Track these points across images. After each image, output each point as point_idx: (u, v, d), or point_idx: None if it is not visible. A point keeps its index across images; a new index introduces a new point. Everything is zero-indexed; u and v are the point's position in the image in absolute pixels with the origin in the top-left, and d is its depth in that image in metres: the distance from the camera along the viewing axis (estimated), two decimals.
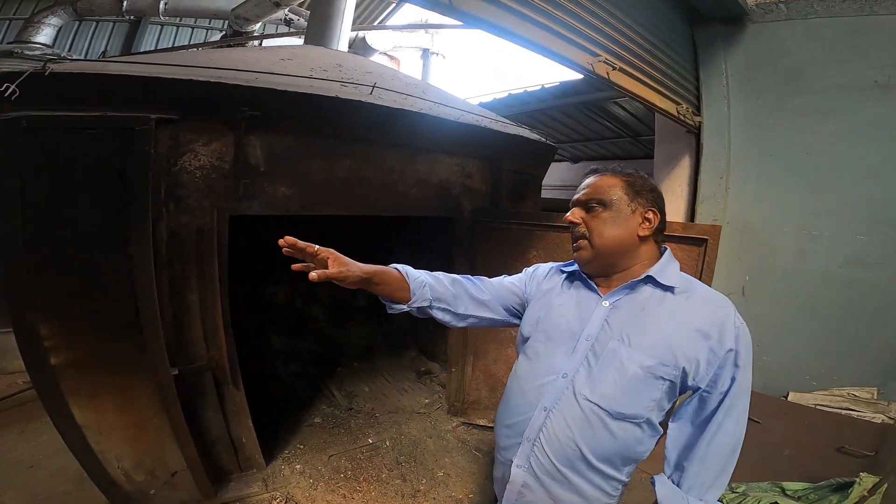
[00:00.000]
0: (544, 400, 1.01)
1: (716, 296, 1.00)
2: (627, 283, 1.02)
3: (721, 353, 0.92)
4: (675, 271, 1.02)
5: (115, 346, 1.75)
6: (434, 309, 1.14)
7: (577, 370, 0.99)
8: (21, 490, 2.06)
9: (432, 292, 1.13)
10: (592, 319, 1.02)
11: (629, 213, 1.01)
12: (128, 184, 1.67)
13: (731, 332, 0.92)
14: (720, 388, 0.93)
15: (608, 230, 1.01)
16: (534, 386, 1.04)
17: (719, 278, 3.12)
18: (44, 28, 3.76)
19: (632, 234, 1.02)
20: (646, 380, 0.94)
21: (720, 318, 0.94)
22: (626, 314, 1.00)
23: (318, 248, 1.01)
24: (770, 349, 2.96)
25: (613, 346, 0.98)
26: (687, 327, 0.95)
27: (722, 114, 3.12)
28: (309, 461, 2.47)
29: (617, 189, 1.03)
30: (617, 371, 0.96)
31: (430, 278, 1.15)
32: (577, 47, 2.03)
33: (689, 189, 3.32)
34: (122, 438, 1.84)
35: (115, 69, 1.68)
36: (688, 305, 0.97)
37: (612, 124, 4.62)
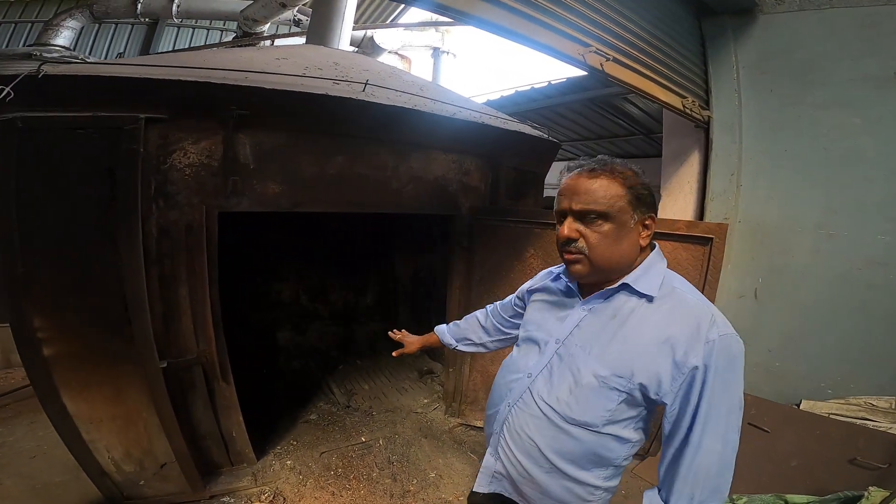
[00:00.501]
0: (510, 396, 1.07)
1: (693, 304, 0.92)
2: (604, 290, 0.98)
3: (685, 369, 0.86)
4: (656, 276, 0.96)
5: (106, 339, 1.80)
6: (461, 345, 1.52)
7: (540, 371, 1.03)
8: (20, 479, 2.14)
9: (455, 336, 1.53)
10: (566, 323, 1.03)
11: (632, 225, 0.94)
12: (117, 181, 1.71)
13: (701, 346, 0.85)
14: (692, 405, 0.86)
15: (612, 247, 0.94)
16: (506, 381, 1.12)
17: (730, 280, 3.01)
18: (62, 31, 3.92)
19: (634, 247, 0.97)
20: (599, 390, 0.93)
21: (689, 330, 0.87)
22: (598, 321, 0.98)
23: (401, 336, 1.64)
24: (783, 355, 2.83)
25: (575, 352, 0.98)
26: (652, 339, 0.90)
27: (732, 108, 2.99)
28: (300, 457, 2.49)
29: (620, 199, 0.93)
30: (573, 377, 0.96)
31: (454, 326, 1.55)
32: (566, 37, 1.97)
33: (698, 186, 3.20)
34: (111, 429, 1.89)
35: (106, 71, 1.73)
36: (660, 315, 0.92)
37: (624, 122, 4.50)
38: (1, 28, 4.70)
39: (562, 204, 0.98)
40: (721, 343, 0.85)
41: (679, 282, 0.98)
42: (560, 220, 0.99)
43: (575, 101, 4.06)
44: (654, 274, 0.96)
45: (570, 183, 0.97)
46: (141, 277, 1.76)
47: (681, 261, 2.29)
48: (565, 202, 0.97)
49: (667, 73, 2.68)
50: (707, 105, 3.04)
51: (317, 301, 3.93)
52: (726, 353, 0.85)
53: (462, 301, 2.94)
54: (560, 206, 0.98)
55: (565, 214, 0.97)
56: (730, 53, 2.98)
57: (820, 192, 2.74)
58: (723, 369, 0.84)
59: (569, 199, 0.96)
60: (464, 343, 1.50)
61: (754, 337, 2.91)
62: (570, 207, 0.95)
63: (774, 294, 2.90)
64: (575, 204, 0.94)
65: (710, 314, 0.88)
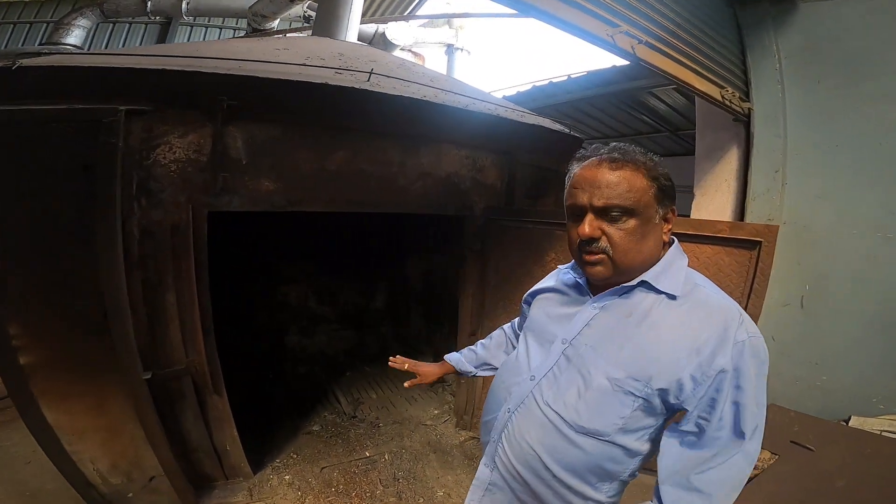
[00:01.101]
0: (510, 401, 0.97)
1: (718, 302, 0.84)
2: (619, 286, 0.89)
3: (712, 372, 0.78)
4: (678, 273, 0.88)
5: (85, 347, 1.68)
6: (480, 371, 1.35)
7: (545, 373, 0.93)
8: (11, 484, 2.07)
9: (474, 363, 1.35)
10: (575, 321, 0.93)
11: (656, 221, 0.87)
12: (95, 178, 1.58)
13: (729, 348, 0.77)
14: (717, 412, 0.79)
15: (637, 245, 0.85)
16: (506, 385, 1.01)
17: (773, 287, 2.69)
18: (74, 30, 3.91)
19: (659, 244, 0.89)
20: (613, 393, 0.84)
21: (717, 329, 0.79)
22: (611, 319, 0.90)
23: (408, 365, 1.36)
24: (830, 368, 2.54)
25: (585, 353, 0.89)
26: (673, 339, 0.81)
27: (775, 99, 2.70)
28: (300, 472, 2.34)
29: (646, 193, 0.85)
30: (583, 379, 0.87)
31: (469, 352, 1.37)
32: (593, 16, 1.76)
33: (737, 185, 2.91)
34: (95, 441, 1.78)
35: (84, 61, 1.61)
36: (681, 314, 0.84)
37: (649, 118, 4.21)
38: (16, 28, 4.75)
39: (579, 198, 0.87)
40: (751, 345, 0.78)
41: (701, 279, 0.90)
42: (575, 216, 0.89)
43: (596, 96, 3.80)
44: (676, 271, 0.88)
45: (587, 174, 0.87)
46: (120, 282, 1.64)
47: (722, 266, 2.04)
48: (583, 196, 0.86)
49: (703, 62, 2.42)
50: (747, 96, 2.76)
51: (325, 304, 3.80)
52: (755, 356, 0.78)
53: (475, 309, 2.74)
54: (577, 200, 0.87)
55: (583, 210, 0.86)
56: (770, 43, 2.70)
57: (877, 190, 2.44)
58: (752, 374, 0.78)
59: (587, 192, 0.85)
60: (483, 369, 1.36)
61: (799, 349, 2.64)
62: (589, 203, 0.85)
63: (823, 303, 2.61)
64: (596, 199, 0.84)
65: (739, 314, 0.81)
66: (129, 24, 5.04)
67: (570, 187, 0.90)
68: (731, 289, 2.02)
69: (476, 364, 1.35)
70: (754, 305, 1.98)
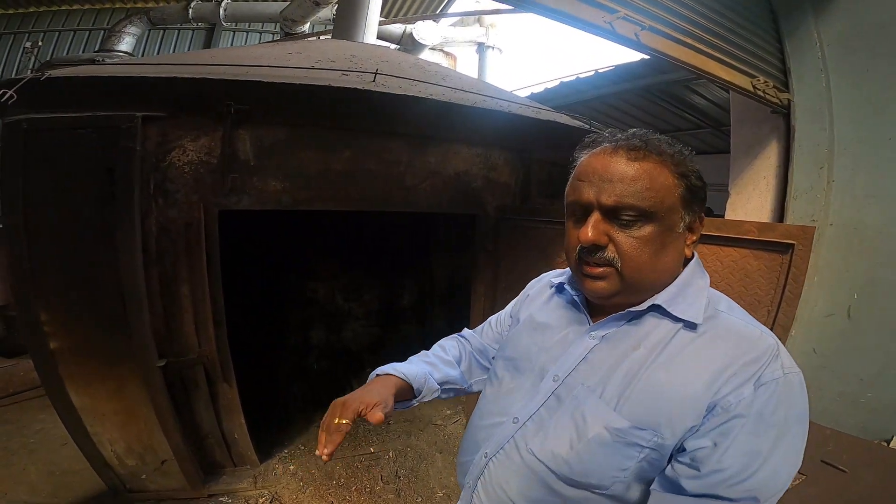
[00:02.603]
0: (488, 444, 0.81)
1: (747, 329, 0.67)
2: (625, 311, 0.73)
3: (720, 411, 0.62)
4: (698, 296, 0.71)
5: (107, 336, 1.82)
6: (446, 392, 1.02)
7: (531, 415, 0.76)
8: (44, 464, 2.28)
9: (436, 383, 0.98)
10: (569, 353, 0.77)
11: (680, 230, 0.70)
12: (115, 180, 1.71)
13: (751, 383, 0.61)
14: (718, 456, 0.62)
15: (652, 258, 0.69)
16: (484, 424, 0.85)
17: (816, 295, 2.48)
18: (125, 37, 4.26)
19: (679, 259, 0.73)
20: (613, 445, 0.67)
21: (742, 362, 0.63)
22: (614, 353, 0.72)
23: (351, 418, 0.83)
24: (876, 384, 2.29)
25: (580, 394, 0.72)
26: (692, 380, 0.64)
27: (819, 90, 2.45)
28: (304, 463, 2.42)
29: (671, 193, 0.68)
30: (576, 428, 0.70)
31: (428, 367, 1.00)
32: (589, 3, 1.67)
33: (776, 182, 2.67)
34: (114, 424, 1.93)
35: (104, 72, 1.75)
36: (700, 346, 0.67)
37: (689, 114, 3.96)
38: (76, 35, 5.21)
39: (584, 194, 0.70)
40: (786, 383, 0.62)
41: (726, 303, 0.73)
42: (577, 215, 0.72)
43: (628, 90, 3.62)
44: (695, 292, 0.71)
45: (597, 164, 0.70)
46: (138, 275, 1.76)
47: (750, 272, 1.88)
48: (589, 192, 0.69)
49: (728, 49, 2.24)
50: (785, 87, 2.53)
51: (351, 301, 3.88)
52: (789, 398, 0.62)
53: (487, 310, 2.70)
54: (580, 196, 0.70)
55: (588, 209, 0.70)
56: (810, 29, 2.46)
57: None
58: (781, 421, 0.61)
59: (596, 187, 0.68)
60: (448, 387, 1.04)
61: (843, 363, 2.39)
62: (597, 200, 0.68)
63: (873, 312, 2.34)
64: (606, 196, 0.67)
65: (775, 345, 0.65)
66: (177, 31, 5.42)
67: (574, 179, 0.73)
68: (760, 297, 1.86)
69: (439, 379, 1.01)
70: (786, 315, 1.81)
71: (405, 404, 0.98)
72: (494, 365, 0.94)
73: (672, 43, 1.94)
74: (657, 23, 1.86)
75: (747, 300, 1.88)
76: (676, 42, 1.96)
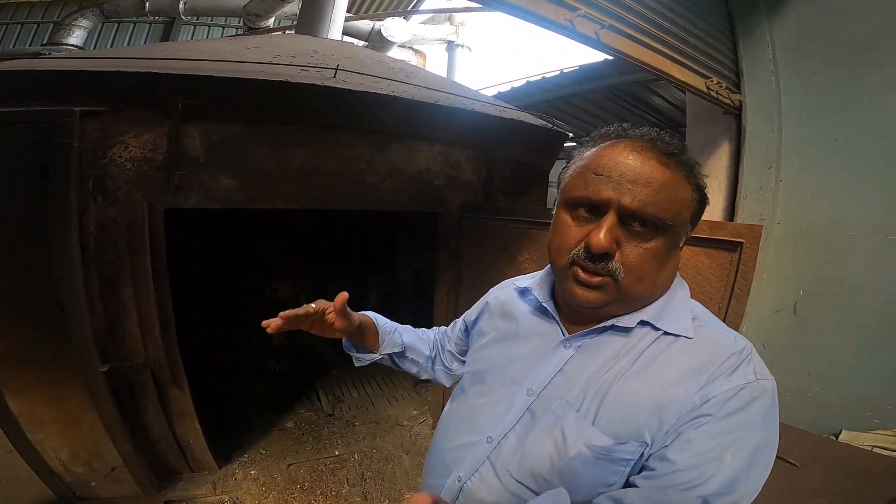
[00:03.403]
0: (460, 467, 0.74)
1: (725, 337, 0.66)
2: (609, 324, 0.68)
3: (694, 413, 0.60)
4: (682, 307, 0.69)
5: (42, 340, 1.74)
6: (405, 359, 1.06)
7: (505, 434, 0.71)
8: None
9: (402, 339, 1.04)
10: (542, 365, 0.72)
11: (682, 245, 0.68)
12: (49, 177, 1.63)
13: (718, 390, 0.59)
14: (678, 452, 0.60)
15: (655, 274, 0.65)
16: (453, 445, 0.78)
17: (765, 291, 2.57)
18: (75, 30, 4.05)
19: (674, 274, 0.71)
20: (596, 463, 0.63)
21: (713, 368, 0.61)
22: (592, 364, 0.68)
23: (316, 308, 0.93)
24: (824, 379, 2.39)
25: (558, 410, 0.67)
26: (670, 385, 0.62)
27: (769, 91, 2.55)
28: (266, 468, 2.36)
29: (688, 207, 0.65)
30: (556, 446, 0.65)
31: (400, 328, 1.07)
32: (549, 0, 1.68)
33: (727, 182, 2.77)
34: (55, 431, 1.84)
35: (40, 65, 1.65)
36: (677, 352, 0.64)
37: (649, 114, 4.06)
38: (24, 28, 4.93)
39: (601, 190, 0.62)
40: (759, 386, 0.60)
41: (699, 310, 0.71)
42: (583, 212, 0.65)
43: (591, 90, 3.68)
44: (679, 305, 0.69)
45: (621, 159, 0.62)
46: (76, 277, 1.68)
47: (701, 269, 1.94)
48: (608, 189, 0.61)
49: (684, 50, 2.30)
50: (738, 88, 2.62)
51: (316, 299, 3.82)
52: (762, 402, 0.60)
53: (450, 310, 2.70)
54: (596, 192, 0.62)
55: (603, 209, 0.62)
56: (763, 32, 2.55)
57: (879, 189, 2.27)
58: (750, 420, 0.59)
59: (617, 185, 0.61)
60: (406, 357, 1.07)
61: (791, 358, 2.49)
62: (618, 201, 0.61)
63: (819, 309, 2.45)
64: (629, 198, 0.60)
65: (750, 350, 0.64)
66: (133, 25, 5.19)
67: (587, 171, 0.64)
68: (711, 293, 1.92)
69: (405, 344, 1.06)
70: (735, 311, 1.87)
71: (367, 354, 1.03)
72: (461, 382, 0.88)
73: (631, 42, 1.97)
74: (617, 21, 1.88)
75: (700, 297, 1.93)
76: (635, 41, 1.99)
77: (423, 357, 1.07)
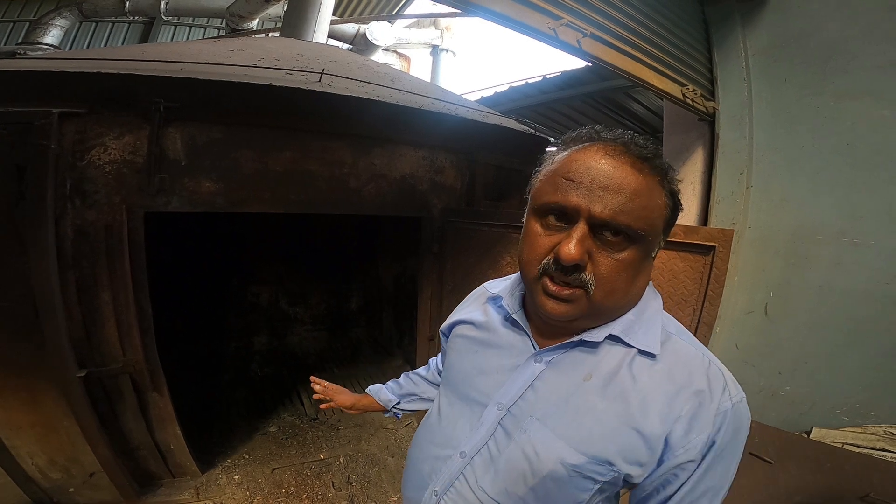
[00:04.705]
0: (436, 481, 0.75)
1: (699, 358, 0.64)
2: (578, 339, 0.67)
3: (681, 453, 0.60)
4: (653, 321, 0.67)
5: (17, 345, 1.70)
6: (403, 403, 1.16)
7: (478, 450, 0.71)
8: None
9: (396, 393, 1.16)
10: (514, 379, 0.71)
11: (654, 256, 0.65)
12: (26, 179, 1.60)
13: (710, 419, 0.60)
14: (674, 491, 0.63)
15: (627, 286, 0.63)
16: (428, 457, 0.79)
17: (737, 294, 2.66)
18: (51, 29, 3.96)
19: (646, 284, 0.69)
20: (569, 479, 0.64)
21: (696, 396, 0.61)
22: (563, 381, 0.67)
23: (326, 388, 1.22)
24: (794, 377, 2.48)
25: (529, 427, 0.67)
26: (646, 413, 0.61)
27: (741, 99, 2.64)
28: (250, 472, 2.34)
29: (662, 214, 0.62)
30: (528, 463, 0.65)
31: (394, 384, 1.18)
32: (532, 7, 1.72)
33: (702, 187, 2.86)
34: (31, 436, 1.81)
35: (18, 65, 1.63)
36: (656, 375, 0.64)
37: (629, 121, 4.15)
38: None
39: (571, 197, 0.59)
40: (735, 414, 0.61)
41: (674, 325, 0.69)
42: (552, 220, 0.62)
43: (572, 96, 3.76)
44: (650, 319, 0.67)
45: (593, 164, 0.59)
46: (51, 280, 1.65)
47: (677, 273, 2.01)
48: (579, 196, 0.59)
49: (662, 58, 2.37)
50: (712, 95, 2.71)
51: (297, 305, 3.81)
52: (739, 426, 0.62)
53: (433, 314, 2.72)
54: (566, 199, 0.60)
55: (573, 217, 0.60)
56: (737, 40, 2.64)
57: (843, 194, 2.37)
58: (729, 446, 0.61)
59: (587, 192, 0.58)
60: (408, 400, 1.15)
61: (762, 358, 2.57)
62: (589, 209, 0.58)
63: (788, 310, 2.54)
64: (601, 206, 0.58)
65: (721, 374, 0.63)
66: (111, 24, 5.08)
67: (558, 176, 0.61)
68: (686, 296, 1.98)
69: (400, 394, 1.15)
70: (709, 313, 1.94)
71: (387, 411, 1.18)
72: (438, 395, 0.88)
73: (611, 50, 2.02)
74: (598, 30, 1.93)
75: (675, 299, 2.01)
76: (615, 49, 2.05)
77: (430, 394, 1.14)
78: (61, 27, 4.06)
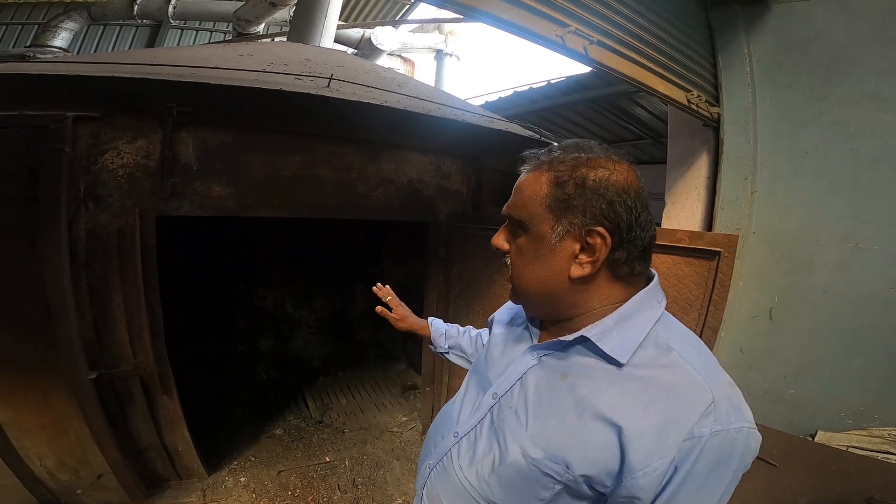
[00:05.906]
0: (432, 454, 0.83)
1: (686, 378, 0.60)
2: (556, 340, 0.71)
3: (642, 480, 0.57)
4: (636, 330, 0.65)
5: (29, 347, 1.72)
6: (451, 355, 1.26)
7: (468, 432, 0.78)
8: None
9: (447, 341, 1.27)
10: (509, 371, 0.76)
11: (554, 242, 0.65)
12: (40, 182, 1.62)
13: (674, 445, 0.56)
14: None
15: (525, 269, 0.70)
16: (435, 434, 0.88)
17: (742, 298, 2.67)
18: (60, 32, 3.99)
19: (557, 277, 0.67)
20: (529, 473, 0.66)
21: (661, 417, 0.58)
22: (545, 379, 0.71)
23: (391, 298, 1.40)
24: (799, 381, 2.49)
25: (507, 417, 0.72)
26: (608, 420, 0.60)
27: (745, 104, 2.66)
28: (256, 475, 2.35)
29: (536, 201, 0.67)
30: (499, 450, 0.70)
31: (453, 329, 1.29)
32: (540, 15, 1.74)
33: (706, 193, 2.87)
34: (41, 438, 1.82)
35: (33, 69, 1.65)
36: (627, 389, 0.62)
37: (632, 125, 4.18)
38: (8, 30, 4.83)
39: None
40: (716, 443, 0.56)
41: (678, 340, 0.65)
42: None
43: (577, 101, 3.78)
44: (635, 327, 0.65)
45: None
46: (65, 282, 1.67)
47: (682, 278, 2.03)
48: None
49: (667, 64, 2.39)
50: (716, 101, 2.73)
51: (302, 308, 3.82)
52: (716, 457, 0.57)
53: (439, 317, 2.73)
54: None
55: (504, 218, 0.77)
56: (741, 45, 2.66)
57: (847, 199, 2.39)
58: (702, 479, 0.57)
59: None
60: (455, 353, 1.25)
61: (767, 361, 2.58)
62: (504, 210, 0.75)
63: (792, 314, 2.55)
64: (505, 207, 0.75)
65: (712, 398, 0.57)
66: (119, 27, 5.12)
67: None
68: (691, 301, 2.00)
69: (450, 344, 1.25)
70: (714, 317, 1.95)
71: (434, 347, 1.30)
72: None
73: (617, 57, 2.04)
74: (604, 37, 1.95)
75: (680, 304, 2.02)
76: (621, 56, 2.06)
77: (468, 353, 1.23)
78: (70, 30, 4.10)
